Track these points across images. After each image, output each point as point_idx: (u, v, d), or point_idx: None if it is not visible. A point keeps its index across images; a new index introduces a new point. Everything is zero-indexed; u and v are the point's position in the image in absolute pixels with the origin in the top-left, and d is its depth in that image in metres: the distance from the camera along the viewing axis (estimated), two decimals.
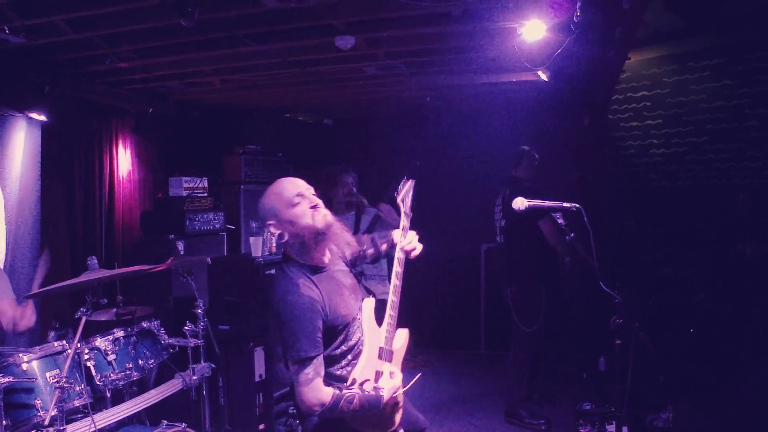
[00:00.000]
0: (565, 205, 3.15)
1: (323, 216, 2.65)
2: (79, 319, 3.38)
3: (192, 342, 4.26)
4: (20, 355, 3.33)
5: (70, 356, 3.31)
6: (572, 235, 3.13)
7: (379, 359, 2.77)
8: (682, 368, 5.49)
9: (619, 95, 7.18)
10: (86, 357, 3.61)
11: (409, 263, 3.26)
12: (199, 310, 4.37)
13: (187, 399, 4.38)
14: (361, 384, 2.66)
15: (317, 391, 2.52)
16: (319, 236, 2.64)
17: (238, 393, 4.94)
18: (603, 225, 6.43)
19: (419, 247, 3.03)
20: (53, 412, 3.18)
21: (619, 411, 3.57)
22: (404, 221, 3.05)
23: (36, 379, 3.32)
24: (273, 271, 5.54)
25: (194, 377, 4.19)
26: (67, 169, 5.77)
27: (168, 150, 7.01)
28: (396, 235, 3.03)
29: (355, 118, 8.44)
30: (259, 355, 4.99)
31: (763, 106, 6.32)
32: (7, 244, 4.87)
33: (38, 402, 3.25)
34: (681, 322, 5.81)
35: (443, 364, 7.08)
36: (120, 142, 6.36)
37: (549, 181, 5.58)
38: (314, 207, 2.64)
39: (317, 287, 2.61)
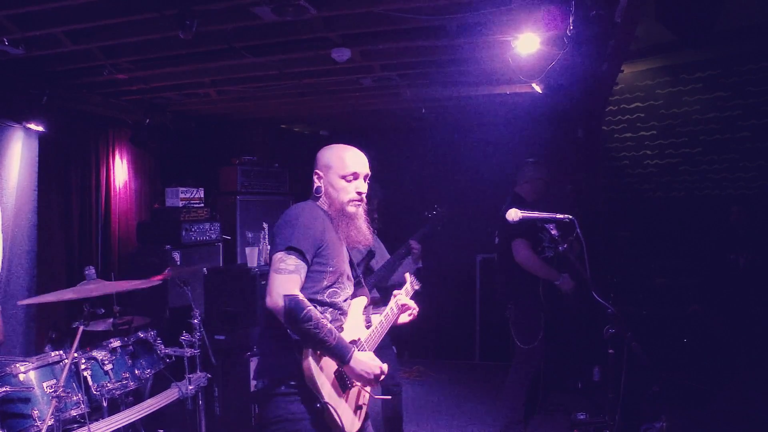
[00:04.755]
0: (559, 216, 3.17)
1: (358, 208, 2.80)
2: (76, 329, 3.40)
3: (188, 352, 4.28)
4: (17, 364, 3.34)
5: (67, 366, 3.33)
6: (565, 246, 3.16)
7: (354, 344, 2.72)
8: (675, 378, 5.51)
9: (612, 107, 7.23)
10: (83, 367, 3.63)
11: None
12: (196, 320, 4.39)
13: (183, 409, 4.39)
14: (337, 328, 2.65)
15: (292, 284, 2.48)
16: (342, 216, 2.77)
17: (234, 403, 4.95)
18: (597, 236, 6.47)
19: (406, 317, 3.29)
20: (50, 422, 3.20)
21: (613, 420, 3.59)
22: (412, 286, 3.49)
23: (33, 388, 3.33)
24: None
25: (190, 387, 4.21)
26: (64, 180, 5.79)
27: (164, 160, 7.04)
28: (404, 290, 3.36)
29: (351, 130, 8.47)
30: (255, 365, 5.00)
31: (756, 117, 6.36)
32: (4, 254, 4.88)
33: (35, 412, 3.26)
34: (674, 332, 5.83)
35: (438, 375, 7.10)
36: (117, 153, 6.39)
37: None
38: (359, 195, 2.78)
39: (327, 223, 2.72)
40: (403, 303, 3.22)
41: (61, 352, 3.59)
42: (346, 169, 2.76)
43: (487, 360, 7.47)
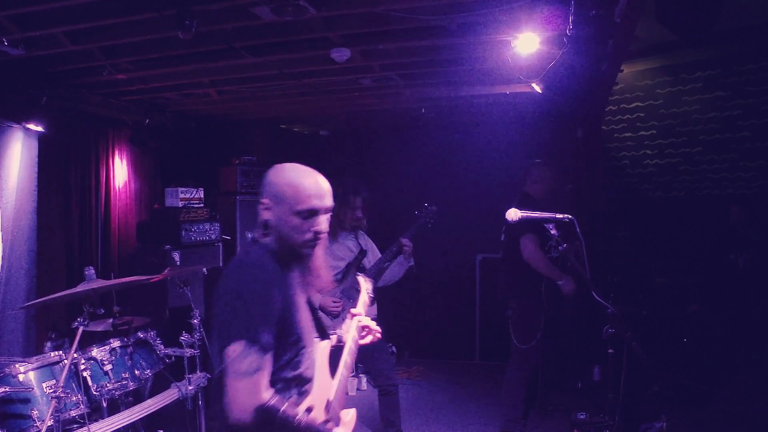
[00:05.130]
0: (558, 216, 3.18)
1: (316, 249, 2.26)
2: (76, 329, 3.40)
3: (188, 352, 4.28)
4: (17, 365, 3.35)
5: (67, 366, 3.33)
6: (564, 246, 3.16)
7: (325, 411, 2.30)
8: (675, 378, 5.51)
9: (612, 107, 7.22)
10: (83, 367, 3.63)
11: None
12: (195, 321, 4.39)
13: (183, 409, 4.39)
14: (308, 410, 2.15)
15: (257, 389, 1.98)
16: (295, 259, 2.25)
17: None
18: (596, 235, 6.47)
19: (369, 340, 2.76)
20: (50, 423, 3.20)
21: (613, 420, 3.59)
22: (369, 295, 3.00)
23: (33, 389, 3.34)
24: None
25: (190, 387, 4.21)
26: (64, 180, 5.79)
27: (164, 161, 7.04)
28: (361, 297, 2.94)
29: (350, 130, 8.47)
30: None
31: (756, 117, 6.36)
32: (3, 255, 4.88)
33: (35, 412, 3.27)
34: (674, 332, 5.83)
35: (438, 375, 7.09)
36: (116, 153, 6.39)
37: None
38: (318, 235, 2.22)
39: (282, 278, 2.20)
40: (365, 325, 2.72)
41: (61, 352, 3.60)
42: (302, 203, 2.18)
43: (487, 360, 7.46)
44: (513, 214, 3.24)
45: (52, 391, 3.31)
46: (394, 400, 4.58)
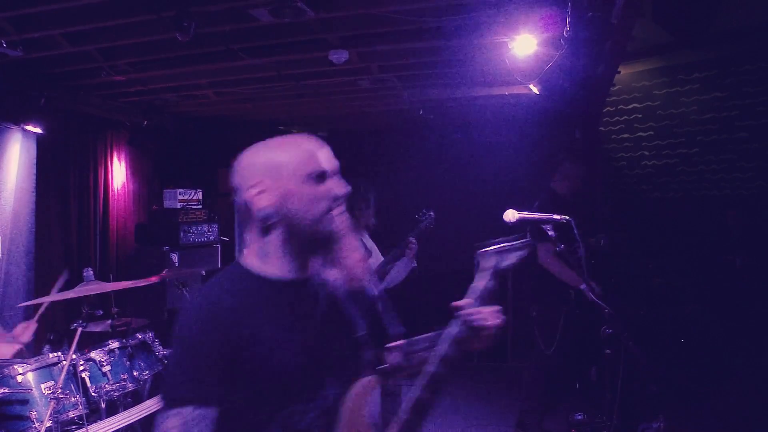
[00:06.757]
0: (556, 217, 3.18)
1: (344, 218, 1.64)
2: (74, 330, 3.41)
3: None
4: (15, 366, 3.35)
5: (65, 367, 3.33)
6: (562, 246, 3.17)
7: None
8: (673, 378, 5.52)
9: (610, 108, 7.23)
10: (81, 368, 3.63)
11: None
12: None
13: None
14: None
15: None
16: (323, 242, 1.61)
17: None
18: (594, 236, 6.47)
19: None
20: (48, 424, 3.20)
21: (611, 421, 3.60)
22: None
23: (31, 390, 3.33)
24: None
25: None
26: (62, 182, 5.79)
27: (163, 162, 7.05)
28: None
29: (349, 131, 8.48)
30: None
31: (753, 117, 6.37)
32: (1, 257, 4.88)
33: (33, 413, 3.26)
34: (671, 332, 5.84)
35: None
36: (115, 155, 6.39)
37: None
38: (337, 199, 1.62)
39: (241, 300, 1.57)
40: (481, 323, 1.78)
41: (59, 353, 3.59)
42: (311, 164, 1.62)
43: (486, 361, 7.46)
44: (510, 215, 3.25)
45: (50, 392, 3.31)
46: (397, 401, 4.57)
